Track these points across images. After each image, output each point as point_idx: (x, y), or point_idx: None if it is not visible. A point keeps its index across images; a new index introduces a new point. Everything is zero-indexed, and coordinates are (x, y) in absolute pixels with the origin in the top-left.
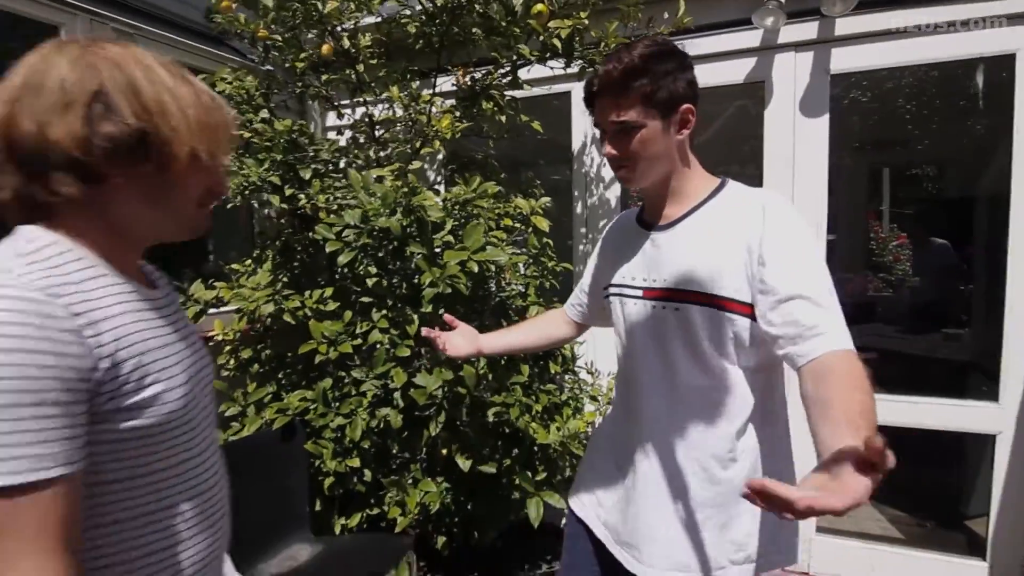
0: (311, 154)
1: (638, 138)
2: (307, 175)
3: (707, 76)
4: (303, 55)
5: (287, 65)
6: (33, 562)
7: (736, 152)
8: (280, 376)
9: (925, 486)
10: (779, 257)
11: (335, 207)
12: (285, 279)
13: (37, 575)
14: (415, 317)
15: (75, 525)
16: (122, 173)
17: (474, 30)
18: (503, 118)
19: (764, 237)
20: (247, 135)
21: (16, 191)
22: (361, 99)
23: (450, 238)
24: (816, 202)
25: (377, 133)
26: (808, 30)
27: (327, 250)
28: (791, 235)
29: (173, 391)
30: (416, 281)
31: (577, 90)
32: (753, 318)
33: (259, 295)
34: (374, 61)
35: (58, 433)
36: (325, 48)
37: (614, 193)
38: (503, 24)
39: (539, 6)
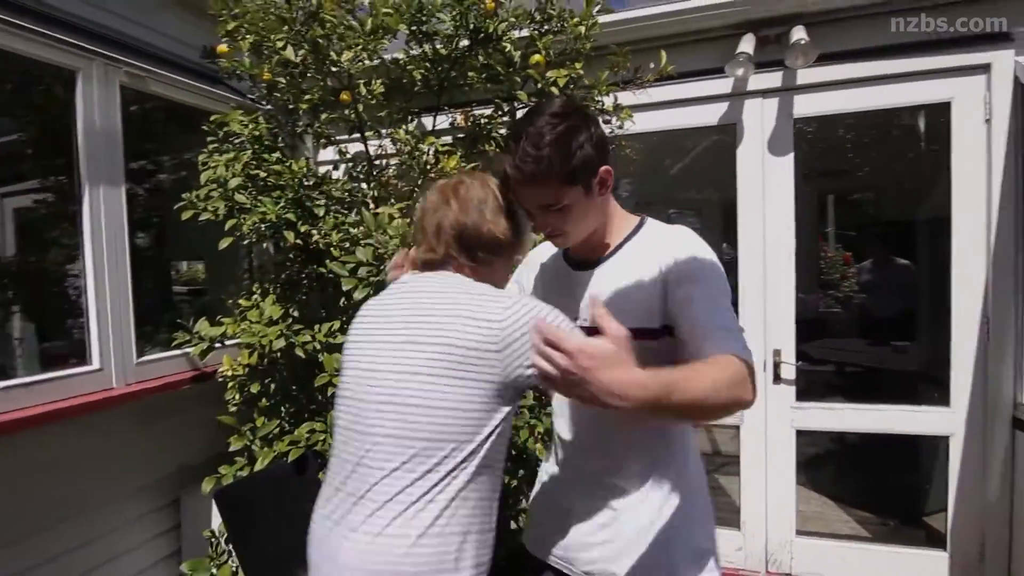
0: (322, 192)
1: (565, 214)
2: (320, 212)
3: (687, 118)
4: (307, 96)
5: (290, 106)
6: None
7: (713, 182)
8: (283, 410)
9: (888, 487)
10: (693, 290)
11: (347, 244)
12: (295, 313)
13: None
14: None
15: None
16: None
17: (470, 74)
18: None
19: (679, 270)
20: (263, 175)
21: (445, 254)
22: (359, 136)
23: None
24: (785, 230)
25: (375, 170)
26: (774, 79)
27: (344, 287)
28: (703, 267)
29: None
30: None
31: None
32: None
33: (271, 331)
34: (373, 101)
35: None
36: (344, 95)
37: None
38: (503, 73)
39: (537, 57)
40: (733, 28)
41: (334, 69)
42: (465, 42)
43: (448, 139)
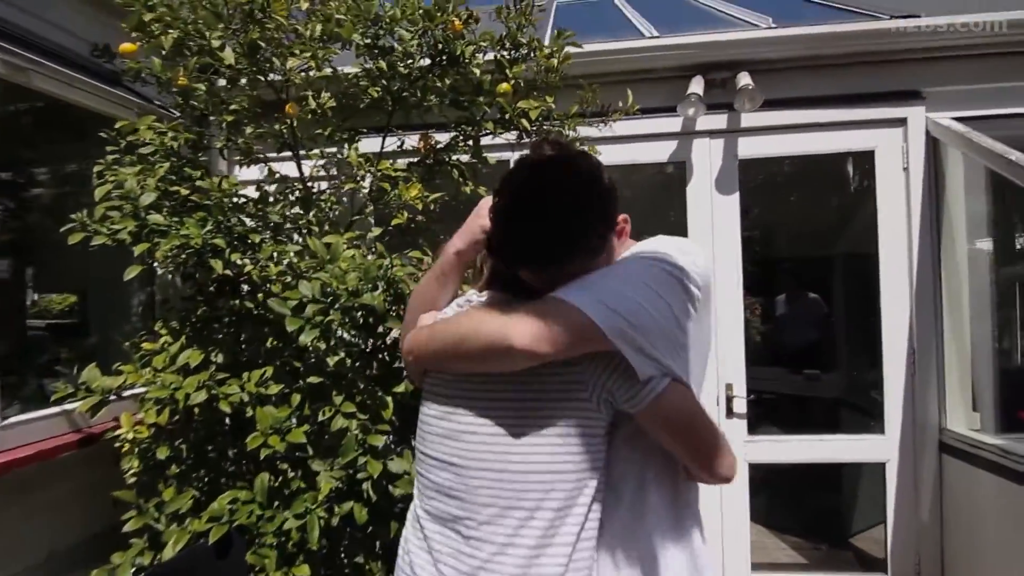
0: (255, 215)
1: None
2: (257, 239)
3: (640, 153)
4: (232, 106)
5: (211, 117)
6: None
7: (663, 218)
8: (195, 477)
9: (814, 512)
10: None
11: (287, 277)
12: (218, 359)
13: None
14: (389, 400)
15: None
16: None
17: (431, 96)
18: (468, 188)
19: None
20: (183, 191)
21: None
22: (292, 155)
23: None
24: (733, 266)
25: (312, 194)
26: (720, 121)
27: (288, 328)
28: (632, 256)
29: None
30: (389, 360)
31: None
32: None
33: (188, 381)
34: (317, 116)
35: None
36: (291, 107)
37: None
38: (469, 98)
39: (504, 86)
40: (683, 70)
41: (271, 77)
42: (426, 61)
43: (401, 163)
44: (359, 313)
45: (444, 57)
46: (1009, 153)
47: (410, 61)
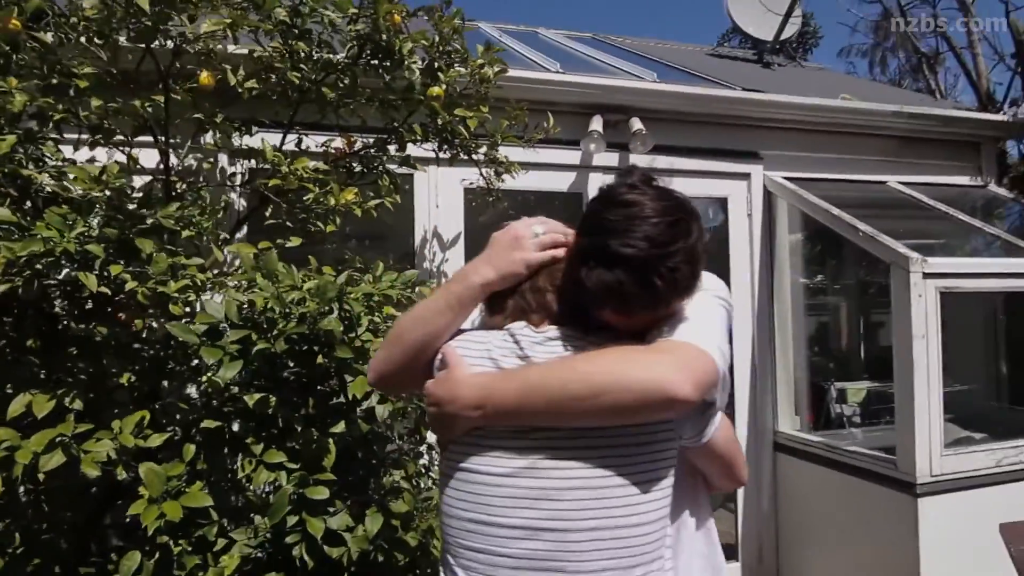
0: (144, 216)
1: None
2: (148, 248)
3: (542, 182)
4: (87, 70)
5: (54, 81)
6: None
7: None
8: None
9: None
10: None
11: (191, 296)
12: (75, 406)
13: None
14: (331, 444)
15: None
16: None
17: (358, 92)
18: (397, 197)
19: None
20: (41, 179)
21: None
22: (154, 140)
23: (369, 336)
24: None
25: (180, 187)
26: (613, 159)
27: (207, 360)
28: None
29: None
30: (329, 394)
31: (423, 177)
32: None
33: (34, 440)
34: (182, 96)
35: None
36: (206, 77)
37: None
38: (401, 99)
39: (436, 89)
40: (584, 107)
41: (159, 43)
42: (354, 50)
43: (313, 164)
44: (299, 342)
45: (378, 52)
46: (831, 208)
47: (328, 51)
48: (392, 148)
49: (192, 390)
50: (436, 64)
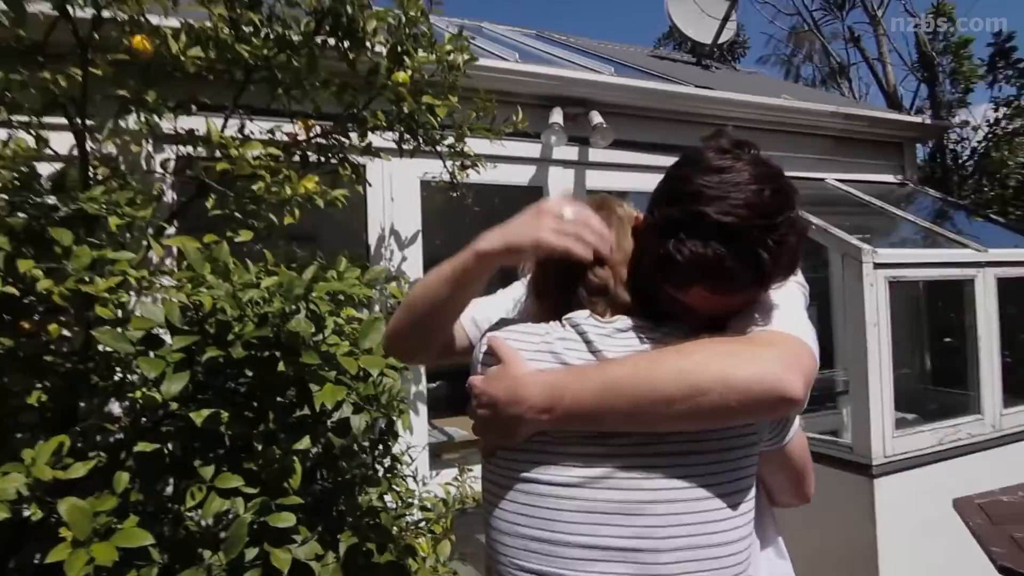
0: (57, 205)
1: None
2: (66, 240)
3: (503, 175)
4: None
5: None
6: None
7: None
8: None
9: None
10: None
11: (121, 295)
12: None
13: None
14: (296, 464)
15: None
16: None
17: (313, 74)
18: (360, 188)
19: None
20: None
21: None
22: (69, 122)
23: (336, 339)
24: None
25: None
26: (573, 152)
27: (147, 373)
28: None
29: None
30: (291, 406)
31: (376, 166)
32: None
33: None
34: (104, 70)
35: None
36: (141, 40)
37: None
38: (364, 81)
39: (402, 75)
40: (544, 99)
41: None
42: (311, 25)
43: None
44: (260, 347)
45: (339, 28)
46: None
47: (280, 25)
48: (354, 135)
49: (115, 407)
50: (402, 47)
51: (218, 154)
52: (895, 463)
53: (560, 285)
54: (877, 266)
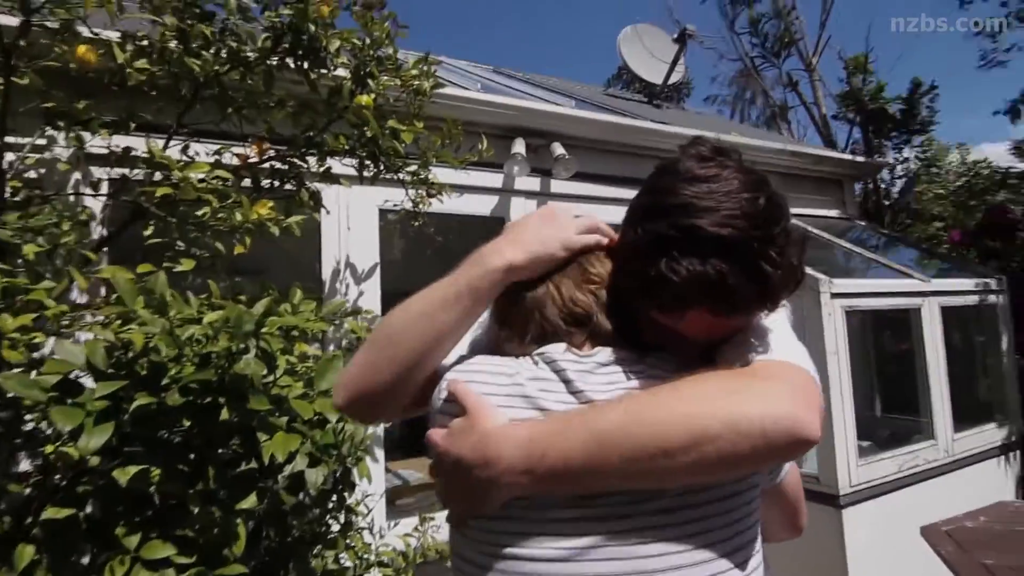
0: None
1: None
2: None
3: (464, 205)
4: None
5: None
6: None
7: None
8: None
9: None
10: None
11: (35, 336)
12: None
13: None
14: (239, 526)
15: None
16: None
17: (272, 93)
18: (317, 215)
19: None
20: None
21: None
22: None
23: (288, 380)
24: None
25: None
26: (535, 183)
27: (62, 425)
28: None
29: None
30: (234, 459)
31: (332, 193)
32: None
33: None
34: (31, 80)
35: None
36: (82, 49)
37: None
38: (324, 104)
39: (365, 98)
40: (506, 130)
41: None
42: (269, 42)
43: (215, 173)
44: (200, 393)
45: (299, 47)
46: None
47: (234, 40)
48: (312, 159)
49: (25, 463)
50: (366, 69)
51: (159, 176)
52: (860, 492)
53: (529, 310)
54: (834, 296)
